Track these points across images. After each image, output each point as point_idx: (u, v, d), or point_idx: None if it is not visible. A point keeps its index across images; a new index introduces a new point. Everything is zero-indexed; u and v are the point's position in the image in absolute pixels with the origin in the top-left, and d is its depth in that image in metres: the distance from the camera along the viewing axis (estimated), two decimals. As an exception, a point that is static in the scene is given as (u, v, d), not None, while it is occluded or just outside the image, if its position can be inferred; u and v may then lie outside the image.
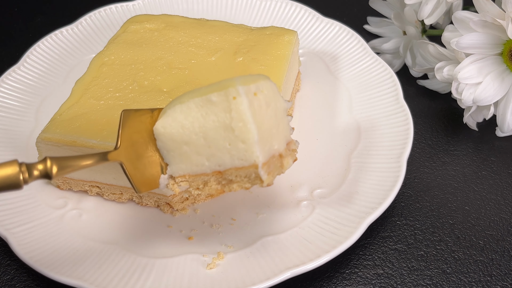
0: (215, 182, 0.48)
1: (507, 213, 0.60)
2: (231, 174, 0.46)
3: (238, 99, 0.44)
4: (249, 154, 0.44)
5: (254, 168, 0.45)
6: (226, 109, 0.45)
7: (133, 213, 0.59)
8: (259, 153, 0.44)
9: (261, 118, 0.45)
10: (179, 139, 0.47)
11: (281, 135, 0.47)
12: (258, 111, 0.45)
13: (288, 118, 0.49)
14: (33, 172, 0.43)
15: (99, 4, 0.83)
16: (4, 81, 0.70)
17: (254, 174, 0.45)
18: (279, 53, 0.65)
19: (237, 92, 0.44)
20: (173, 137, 0.47)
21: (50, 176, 0.44)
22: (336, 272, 0.55)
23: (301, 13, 0.81)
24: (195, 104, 0.46)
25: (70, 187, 0.60)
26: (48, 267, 0.51)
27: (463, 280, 0.54)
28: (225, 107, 0.45)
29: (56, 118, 0.58)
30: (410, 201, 0.62)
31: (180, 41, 0.67)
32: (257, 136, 0.44)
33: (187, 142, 0.47)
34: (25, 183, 0.43)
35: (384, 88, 0.69)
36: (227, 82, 0.45)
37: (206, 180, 0.48)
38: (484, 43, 0.62)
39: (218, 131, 0.45)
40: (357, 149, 0.63)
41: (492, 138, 0.69)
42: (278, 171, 0.47)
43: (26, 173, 0.43)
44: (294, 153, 0.49)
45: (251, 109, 0.44)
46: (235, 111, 0.44)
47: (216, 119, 0.45)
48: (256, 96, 0.45)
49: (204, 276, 0.51)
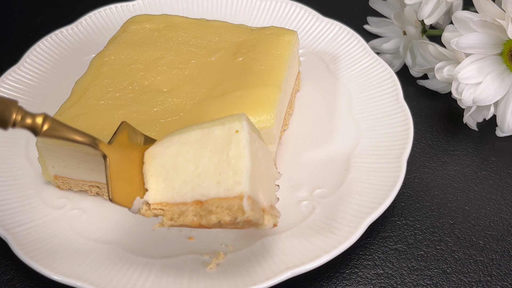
0: (192, 213, 0.46)
1: (507, 213, 0.60)
2: (212, 204, 0.45)
3: (241, 133, 0.44)
4: (237, 184, 0.43)
5: (239, 200, 0.43)
6: (227, 141, 0.45)
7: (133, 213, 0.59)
8: (248, 185, 0.43)
9: (255, 162, 0.45)
10: (170, 165, 0.47)
11: (267, 193, 0.47)
12: (254, 155, 0.45)
13: (276, 187, 0.50)
14: (25, 119, 0.42)
15: (99, 4, 0.83)
16: (4, 81, 0.70)
17: (237, 206, 0.43)
18: (279, 53, 0.65)
19: (241, 126, 0.44)
20: (163, 162, 0.47)
21: (38, 131, 0.43)
22: (336, 272, 0.55)
23: (301, 13, 0.81)
24: (196, 134, 0.46)
25: (70, 187, 0.60)
26: (48, 267, 0.51)
27: (463, 280, 0.54)
28: (226, 139, 0.45)
29: (56, 118, 0.58)
30: (410, 201, 0.62)
31: (180, 41, 0.67)
32: (250, 170, 0.43)
33: (177, 168, 0.46)
34: (13, 125, 0.42)
35: (384, 88, 0.69)
36: (234, 117, 0.46)
37: (183, 210, 0.46)
38: (484, 43, 0.62)
39: (212, 160, 0.45)
40: (357, 149, 0.63)
41: (492, 138, 0.69)
42: (260, 221, 0.44)
43: (19, 116, 0.42)
44: (275, 218, 0.48)
45: (249, 146, 0.44)
46: (235, 142, 0.44)
47: (214, 148, 0.45)
48: (255, 143, 0.46)
49: (204, 276, 0.51)
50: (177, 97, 0.59)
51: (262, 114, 0.57)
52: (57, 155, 0.57)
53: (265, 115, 0.57)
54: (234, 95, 0.59)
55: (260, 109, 0.58)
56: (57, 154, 0.57)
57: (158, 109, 0.58)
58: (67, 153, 0.57)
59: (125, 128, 0.49)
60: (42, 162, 0.58)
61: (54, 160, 0.58)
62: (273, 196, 0.50)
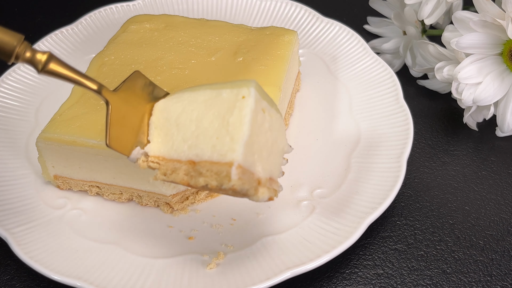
0: (184, 172, 0.46)
1: (507, 213, 0.60)
2: (203, 167, 0.45)
3: (246, 100, 0.44)
4: (230, 151, 0.43)
5: (228, 167, 0.43)
6: (231, 105, 0.44)
7: (133, 213, 0.59)
8: (240, 154, 0.42)
9: (257, 132, 0.44)
10: (173, 121, 0.47)
11: (268, 165, 0.46)
12: (258, 125, 0.44)
13: (283, 161, 0.49)
14: (29, 53, 0.43)
15: (99, 4, 0.83)
16: (4, 81, 0.70)
17: (225, 172, 0.43)
18: (279, 53, 0.65)
19: (248, 93, 0.44)
20: (169, 117, 0.47)
21: (38, 67, 0.44)
22: (336, 272, 0.55)
23: (301, 13, 0.81)
24: (205, 94, 0.46)
25: (70, 187, 0.60)
26: (48, 267, 0.51)
27: (463, 280, 0.54)
28: (231, 104, 0.44)
29: (56, 118, 0.58)
30: (410, 201, 0.62)
31: (180, 41, 0.67)
32: (246, 139, 0.43)
33: (179, 125, 0.47)
34: (16, 59, 0.43)
35: (384, 88, 0.69)
36: (244, 82, 0.45)
37: (177, 167, 0.46)
38: (484, 43, 0.62)
39: (213, 123, 0.45)
40: (357, 149, 0.63)
41: (492, 138, 0.69)
42: (250, 192, 0.44)
43: (23, 50, 0.43)
44: (273, 191, 0.47)
45: (253, 115, 0.43)
46: (239, 109, 0.44)
47: (217, 112, 0.45)
48: (263, 113, 0.45)
49: (204, 276, 0.51)
50: (177, 97, 0.59)
51: (262, 114, 0.57)
52: (57, 155, 0.57)
53: (265, 115, 0.57)
54: (234, 95, 0.59)
55: (260, 109, 0.58)
56: (57, 154, 0.57)
57: (158, 109, 0.58)
58: (67, 153, 0.57)
59: (137, 78, 0.49)
60: (42, 162, 0.58)
61: (54, 160, 0.58)
62: (276, 169, 0.48)
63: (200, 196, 0.59)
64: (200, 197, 0.59)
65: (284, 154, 0.49)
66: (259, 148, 0.45)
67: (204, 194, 0.59)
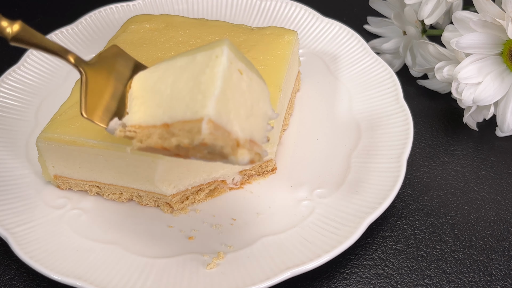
0: (157, 135, 0.45)
1: (507, 213, 0.60)
2: (176, 127, 0.44)
3: (219, 59, 0.43)
4: (202, 107, 0.42)
5: (199, 122, 0.41)
6: (205, 66, 0.44)
7: (133, 213, 0.59)
8: (211, 108, 0.41)
9: (232, 90, 0.43)
10: (150, 89, 0.47)
11: (248, 126, 0.45)
12: (233, 83, 0.43)
13: (268, 126, 0.48)
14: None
15: (99, 4, 0.83)
16: (4, 81, 0.70)
17: (196, 128, 0.42)
18: (279, 53, 0.65)
19: (221, 52, 0.43)
20: (146, 86, 0.48)
21: (9, 35, 0.44)
22: (336, 272, 0.55)
23: (301, 13, 0.81)
24: (181, 61, 0.46)
25: (70, 187, 0.60)
26: (48, 267, 0.51)
27: (463, 280, 0.54)
28: (204, 65, 0.44)
29: (56, 118, 0.58)
30: (410, 201, 0.62)
31: (180, 41, 0.67)
32: (218, 94, 0.42)
33: (155, 92, 0.47)
34: None
35: (384, 88, 0.69)
36: (217, 42, 0.44)
37: (151, 132, 0.46)
38: (484, 43, 0.62)
39: (187, 84, 0.44)
40: (357, 149, 0.63)
41: (492, 138, 0.69)
42: (226, 150, 0.42)
43: None
44: (254, 155, 0.45)
45: (225, 73, 0.42)
46: (211, 67, 0.43)
47: (191, 74, 0.44)
48: (240, 74, 0.44)
49: (204, 276, 0.51)
50: (177, 97, 0.59)
51: (262, 114, 0.57)
52: (57, 155, 0.57)
53: (265, 115, 0.57)
54: (234, 95, 0.59)
55: (260, 109, 0.58)
56: (57, 154, 0.57)
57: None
58: (67, 153, 0.57)
59: (113, 51, 0.49)
60: (42, 162, 0.58)
61: (54, 160, 0.58)
62: (259, 133, 0.47)
63: (200, 196, 0.59)
64: (200, 197, 0.59)
65: (268, 119, 0.48)
66: (235, 107, 0.43)
67: (204, 194, 0.59)
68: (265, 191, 0.61)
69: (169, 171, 0.56)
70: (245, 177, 0.61)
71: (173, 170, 0.56)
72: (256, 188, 0.61)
